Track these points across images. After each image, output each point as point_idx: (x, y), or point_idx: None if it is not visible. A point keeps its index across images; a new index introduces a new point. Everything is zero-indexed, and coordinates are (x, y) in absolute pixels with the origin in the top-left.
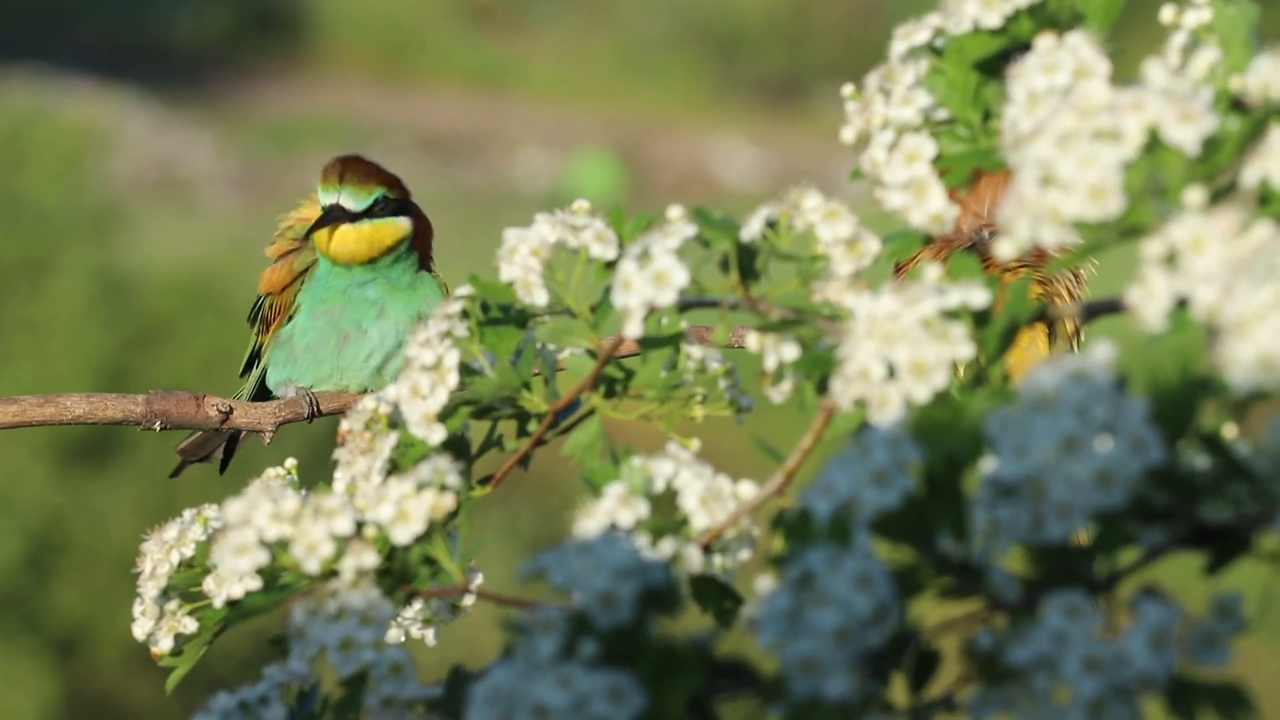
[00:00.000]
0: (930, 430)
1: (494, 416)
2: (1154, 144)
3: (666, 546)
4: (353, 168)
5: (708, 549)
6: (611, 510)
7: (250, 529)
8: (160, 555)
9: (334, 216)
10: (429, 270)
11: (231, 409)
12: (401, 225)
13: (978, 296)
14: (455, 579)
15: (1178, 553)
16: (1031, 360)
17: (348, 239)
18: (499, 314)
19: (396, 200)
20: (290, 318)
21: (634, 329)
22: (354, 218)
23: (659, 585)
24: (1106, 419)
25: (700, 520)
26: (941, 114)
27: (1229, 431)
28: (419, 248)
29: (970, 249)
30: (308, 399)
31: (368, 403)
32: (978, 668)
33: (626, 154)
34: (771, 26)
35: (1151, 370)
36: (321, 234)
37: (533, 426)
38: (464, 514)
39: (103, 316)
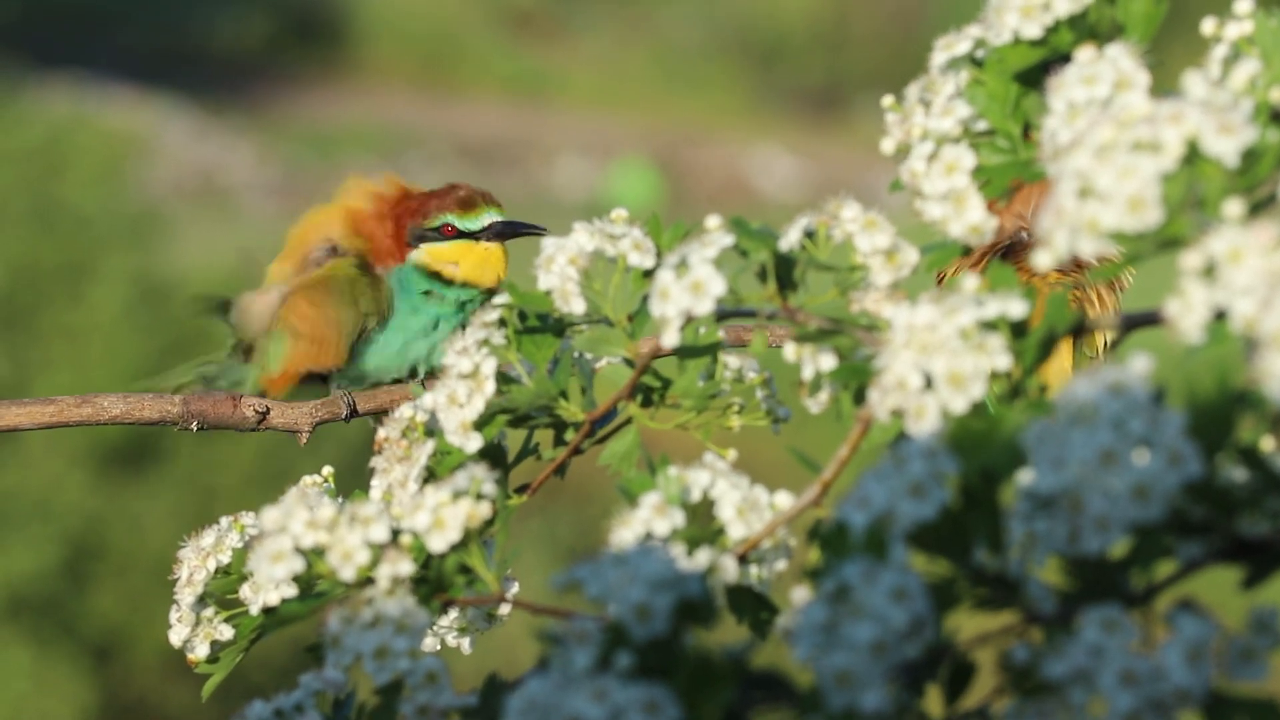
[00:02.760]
0: (967, 442)
1: (531, 425)
2: (1193, 156)
3: (702, 557)
4: (485, 192)
5: (744, 559)
6: (648, 520)
7: (286, 536)
8: (197, 562)
9: (514, 229)
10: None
11: (269, 409)
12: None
13: (1016, 307)
14: (491, 588)
15: (1215, 566)
16: (1054, 372)
17: (499, 260)
18: (536, 322)
19: (503, 223)
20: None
21: (671, 338)
22: (474, 236)
23: (695, 597)
24: (1144, 432)
25: (736, 530)
26: (981, 125)
27: (1267, 445)
28: None
29: (1009, 249)
30: (346, 399)
31: (405, 410)
32: (1013, 681)
33: (665, 163)
34: (811, 36)
35: (1189, 383)
36: (471, 258)
37: (569, 435)
38: (500, 522)
39: (141, 323)
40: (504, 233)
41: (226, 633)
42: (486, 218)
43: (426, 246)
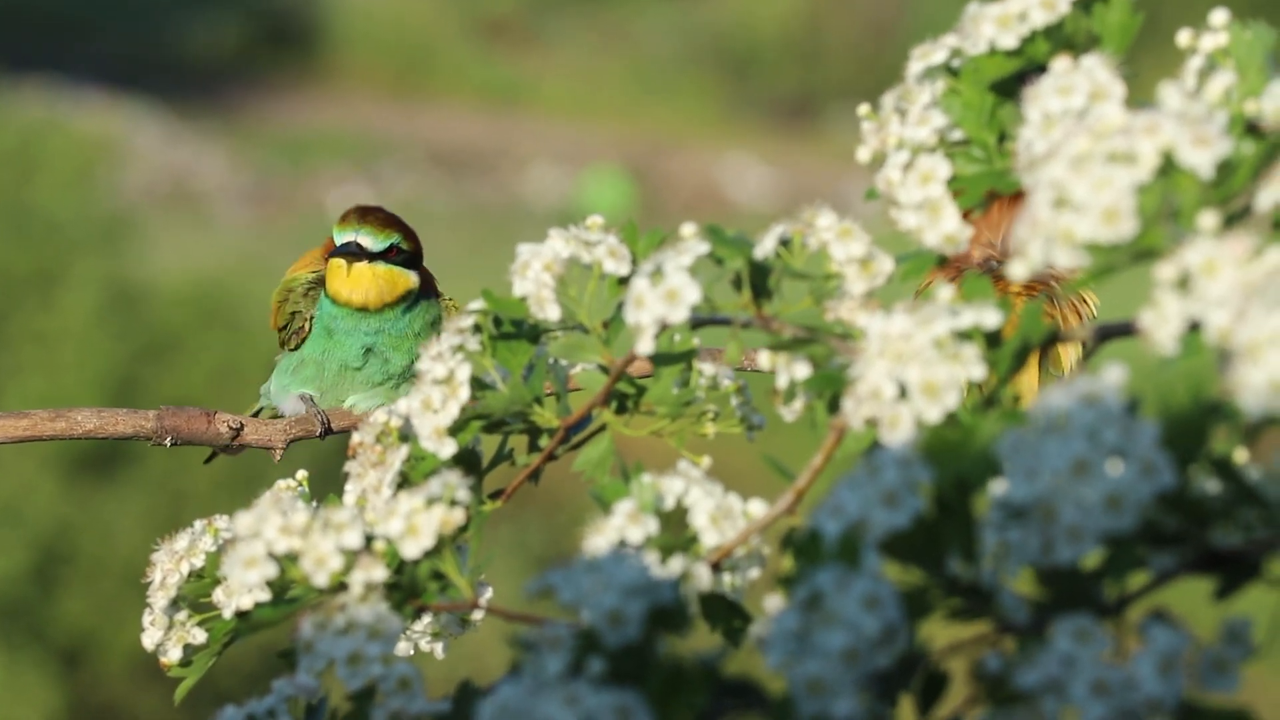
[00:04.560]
0: (941, 451)
1: (505, 431)
2: (1168, 167)
3: (676, 564)
4: (372, 212)
5: (717, 567)
6: (621, 527)
7: (260, 542)
8: (170, 566)
9: (352, 250)
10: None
11: (242, 425)
12: (411, 278)
13: (990, 317)
14: (465, 594)
15: (1187, 577)
16: (1022, 385)
17: (363, 277)
18: (511, 329)
19: (409, 252)
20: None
21: (646, 346)
22: (371, 256)
23: (668, 604)
24: (1117, 442)
25: (710, 538)
26: (957, 135)
27: (1240, 456)
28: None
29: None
30: (319, 416)
31: (379, 416)
32: (986, 690)
33: (638, 172)
34: (784, 46)
35: (1163, 394)
36: (336, 273)
37: (544, 442)
38: (474, 528)
39: (113, 329)
40: (341, 251)
41: (199, 636)
42: (349, 233)
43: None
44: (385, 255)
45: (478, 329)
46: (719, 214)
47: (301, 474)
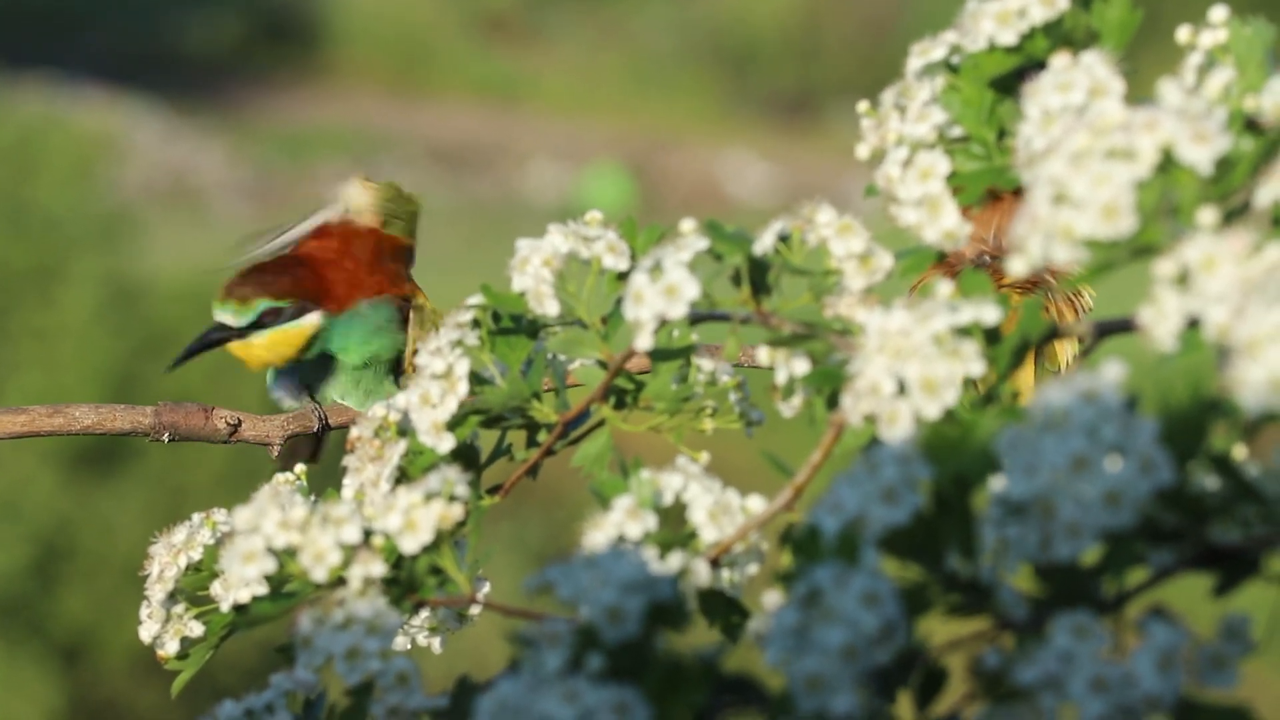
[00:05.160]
0: (940, 447)
1: (503, 426)
2: (1168, 163)
3: (674, 560)
4: (237, 286)
5: (716, 563)
6: (620, 522)
7: (258, 536)
8: (168, 558)
9: (210, 339)
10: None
11: (240, 421)
12: (303, 327)
13: (990, 313)
14: (463, 589)
15: (1186, 574)
16: (1020, 382)
17: (250, 354)
18: (510, 324)
19: (292, 305)
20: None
21: (645, 341)
22: (240, 333)
23: (666, 600)
24: (1116, 439)
25: (709, 534)
26: (956, 131)
27: (1239, 453)
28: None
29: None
30: (317, 411)
31: (378, 410)
32: (984, 686)
33: (638, 168)
34: (783, 42)
35: (1162, 391)
36: (234, 349)
37: (542, 437)
38: (472, 523)
39: (112, 325)
40: (205, 344)
41: (197, 629)
42: (215, 314)
43: None
44: (259, 325)
45: (476, 324)
46: (718, 210)
47: (300, 468)
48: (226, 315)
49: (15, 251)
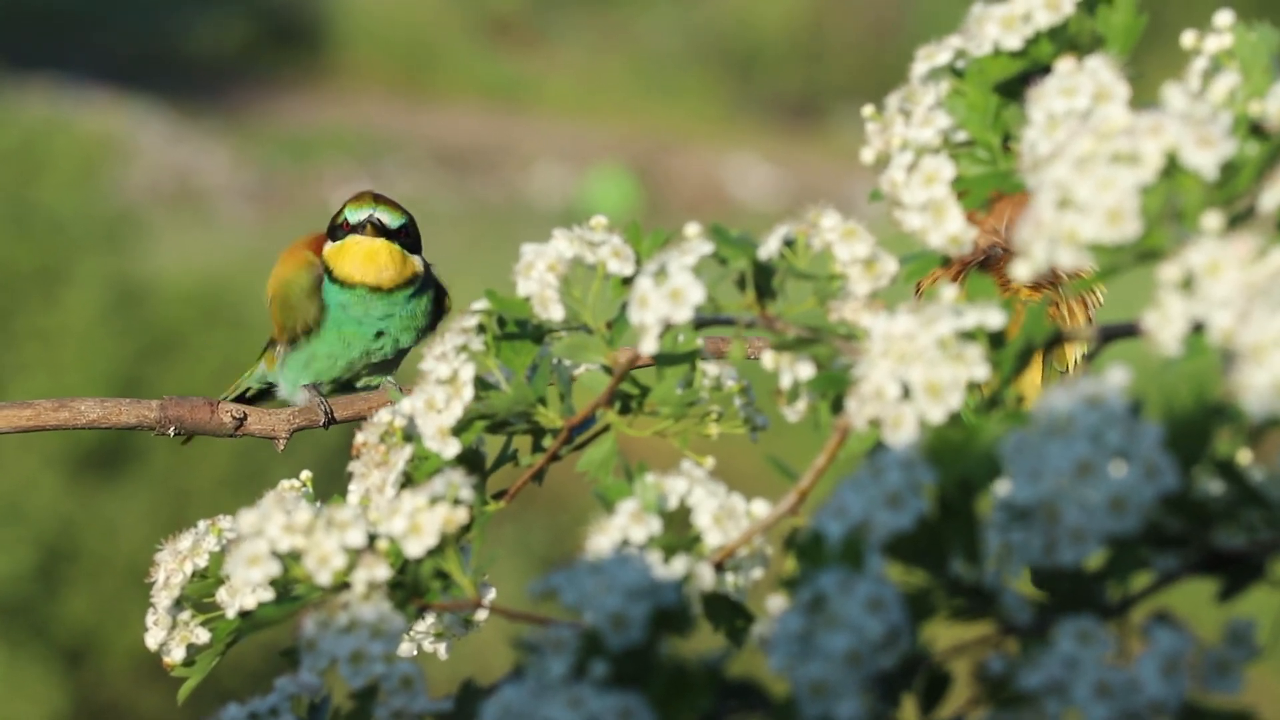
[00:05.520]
0: (944, 452)
1: (509, 431)
2: (1172, 168)
3: (679, 565)
4: (384, 196)
5: (720, 567)
6: (624, 527)
7: (263, 540)
8: (174, 565)
9: (374, 222)
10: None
11: (246, 415)
12: (418, 263)
13: (994, 318)
14: (468, 593)
15: (1191, 579)
16: (1025, 386)
17: (381, 254)
18: (515, 329)
19: (416, 237)
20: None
21: (650, 346)
22: (389, 234)
23: (671, 605)
24: (1121, 444)
25: (713, 538)
26: (961, 136)
27: (1243, 458)
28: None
29: (983, 263)
30: (322, 405)
31: (383, 415)
32: (988, 691)
33: (642, 171)
34: (789, 45)
35: (1166, 396)
36: (351, 251)
37: (547, 442)
38: (477, 528)
39: (116, 327)
40: (368, 225)
41: (203, 636)
42: (366, 210)
43: (327, 247)
44: (399, 235)
45: (482, 329)
46: (723, 213)
47: (305, 474)
48: (382, 214)
49: (20, 253)
